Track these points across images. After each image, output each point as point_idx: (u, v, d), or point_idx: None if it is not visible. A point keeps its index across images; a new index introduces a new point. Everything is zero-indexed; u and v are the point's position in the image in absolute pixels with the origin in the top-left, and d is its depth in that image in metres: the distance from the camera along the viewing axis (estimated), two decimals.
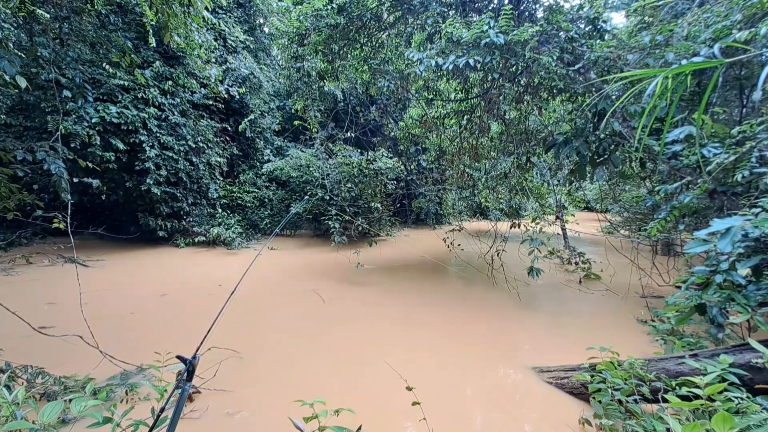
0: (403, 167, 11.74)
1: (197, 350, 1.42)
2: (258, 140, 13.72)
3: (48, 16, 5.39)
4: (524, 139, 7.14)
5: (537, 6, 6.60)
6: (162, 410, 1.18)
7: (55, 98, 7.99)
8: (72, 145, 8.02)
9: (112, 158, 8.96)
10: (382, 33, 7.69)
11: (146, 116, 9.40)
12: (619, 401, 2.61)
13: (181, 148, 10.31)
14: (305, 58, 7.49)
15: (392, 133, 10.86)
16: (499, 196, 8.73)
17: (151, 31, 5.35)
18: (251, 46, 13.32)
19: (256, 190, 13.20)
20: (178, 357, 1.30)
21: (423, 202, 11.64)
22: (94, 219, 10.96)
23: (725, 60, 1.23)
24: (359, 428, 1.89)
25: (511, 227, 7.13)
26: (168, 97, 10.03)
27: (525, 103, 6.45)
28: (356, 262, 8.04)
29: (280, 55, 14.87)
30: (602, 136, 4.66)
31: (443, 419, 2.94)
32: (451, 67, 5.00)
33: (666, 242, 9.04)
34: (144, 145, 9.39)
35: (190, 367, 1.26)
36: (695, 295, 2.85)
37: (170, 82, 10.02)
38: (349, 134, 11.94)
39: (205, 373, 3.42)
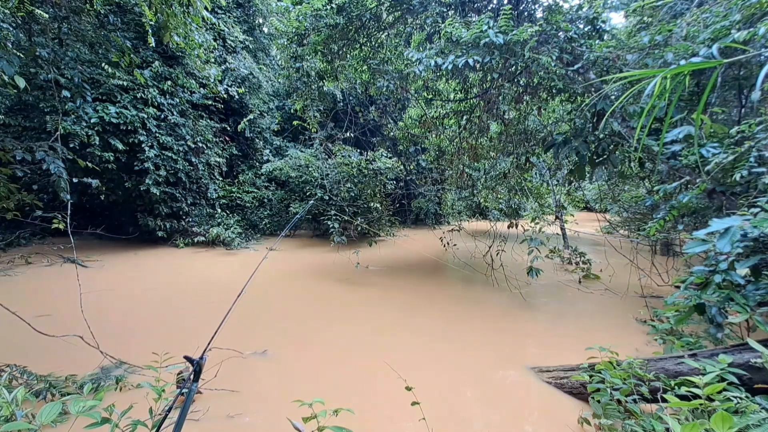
0: (402, 167, 11.73)
1: (204, 351, 1.42)
2: (257, 140, 13.71)
3: (47, 15, 5.38)
4: (523, 139, 7.14)
5: (536, 6, 6.60)
6: (169, 410, 1.17)
7: (54, 98, 7.98)
8: (71, 145, 8.00)
9: (111, 158, 8.95)
10: (381, 33, 7.68)
11: (145, 116, 9.39)
12: (618, 401, 2.62)
13: (181, 148, 10.30)
14: (304, 58, 7.49)
15: (391, 133, 10.85)
16: (499, 196, 8.74)
17: (150, 31, 5.34)
18: (250, 46, 13.31)
19: (256, 191, 13.19)
20: (186, 357, 1.29)
21: (422, 202, 11.64)
22: (93, 219, 10.95)
23: (724, 60, 1.23)
24: None
25: (509, 227, 7.14)
26: (167, 97, 10.02)
27: (524, 103, 6.45)
28: (356, 262, 8.04)
29: (279, 55, 14.83)
30: (601, 136, 4.67)
31: (443, 419, 2.95)
32: (450, 67, 5.00)
33: (665, 242, 9.05)
34: (143, 145, 9.38)
35: (197, 368, 1.26)
36: (694, 295, 2.85)
37: (169, 82, 10.00)
38: (348, 134, 11.92)
39: (205, 374, 3.42)
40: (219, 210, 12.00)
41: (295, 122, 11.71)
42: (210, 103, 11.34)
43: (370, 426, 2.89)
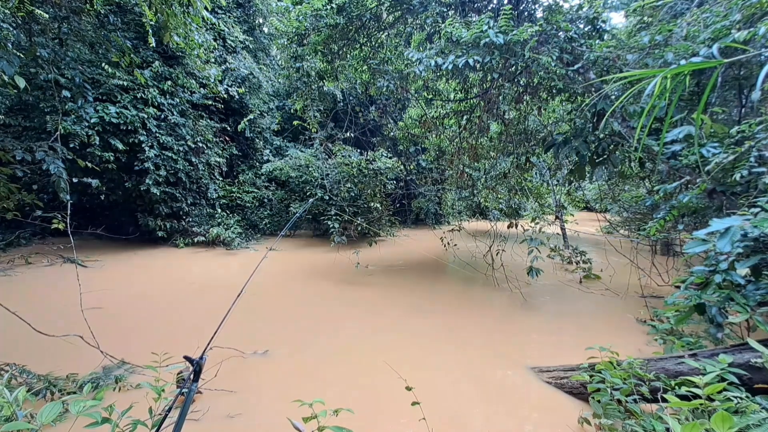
0: (402, 167, 11.74)
1: (204, 351, 1.42)
2: (257, 140, 13.71)
3: (47, 15, 5.38)
4: (523, 139, 7.14)
5: (536, 6, 6.60)
6: (169, 410, 1.17)
7: (54, 98, 7.98)
8: (71, 145, 8.01)
9: (112, 158, 8.95)
10: (381, 33, 7.68)
11: (145, 116, 9.39)
12: (618, 401, 2.62)
13: (181, 148, 10.30)
14: (304, 58, 7.49)
15: (392, 133, 10.86)
16: (499, 196, 8.74)
17: (150, 31, 5.34)
18: (250, 46, 13.30)
19: (256, 191, 13.19)
20: (185, 357, 1.29)
21: (422, 202, 11.64)
22: (93, 219, 10.94)
23: (724, 60, 1.23)
24: None
25: (509, 227, 7.14)
26: (167, 97, 10.02)
27: (524, 103, 6.45)
28: (356, 262, 8.04)
29: (279, 55, 14.86)
30: (601, 136, 4.67)
31: (443, 419, 2.94)
32: (450, 67, 5.00)
33: (665, 242, 9.04)
34: (143, 145, 9.38)
35: (197, 368, 1.26)
36: (694, 295, 2.85)
37: (169, 82, 10.01)
38: (348, 134, 11.91)
39: (205, 374, 3.42)
40: (219, 210, 12.00)
41: (295, 122, 11.71)
42: (210, 103, 11.34)
43: (370, 426, 2.89)
